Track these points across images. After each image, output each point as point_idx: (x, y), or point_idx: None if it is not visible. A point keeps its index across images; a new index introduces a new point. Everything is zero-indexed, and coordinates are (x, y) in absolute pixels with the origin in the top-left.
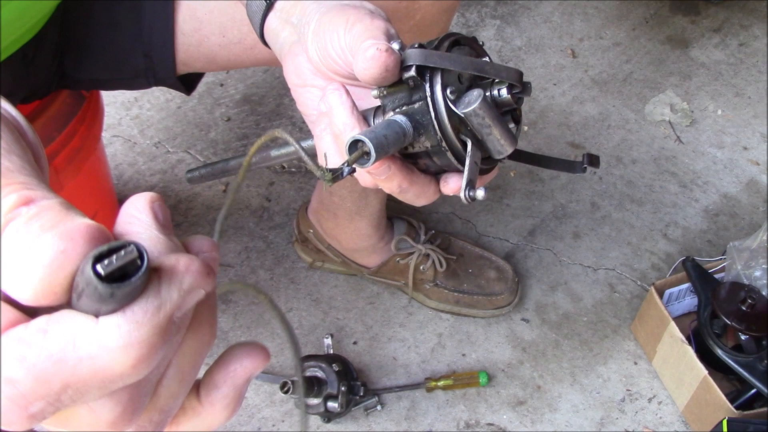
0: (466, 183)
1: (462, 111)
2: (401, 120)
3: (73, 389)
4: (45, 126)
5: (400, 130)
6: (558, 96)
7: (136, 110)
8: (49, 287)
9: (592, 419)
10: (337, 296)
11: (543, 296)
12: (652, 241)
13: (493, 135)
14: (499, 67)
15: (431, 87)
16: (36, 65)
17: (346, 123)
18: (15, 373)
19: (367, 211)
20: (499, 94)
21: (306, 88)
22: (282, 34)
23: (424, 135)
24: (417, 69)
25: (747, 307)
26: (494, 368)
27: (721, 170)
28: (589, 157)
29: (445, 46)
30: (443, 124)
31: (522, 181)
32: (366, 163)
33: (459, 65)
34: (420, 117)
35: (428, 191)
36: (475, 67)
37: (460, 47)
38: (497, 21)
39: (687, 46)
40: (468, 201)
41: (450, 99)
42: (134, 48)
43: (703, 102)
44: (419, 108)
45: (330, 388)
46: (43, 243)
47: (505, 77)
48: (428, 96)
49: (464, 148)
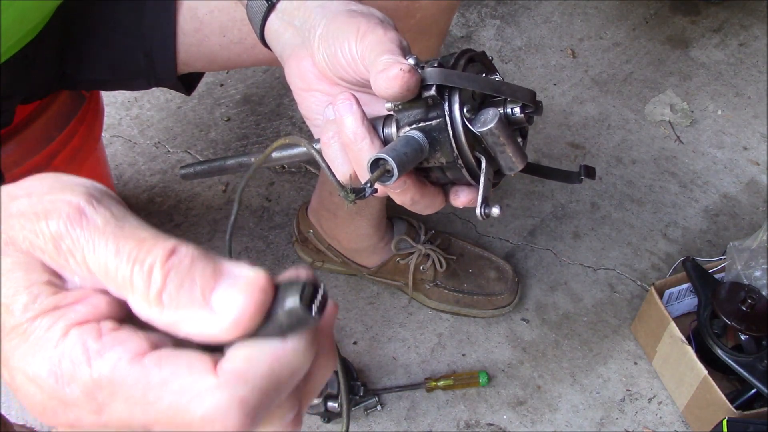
0: (481, 200)
1: (479, 130)
2: (418, 136)
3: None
4: (45, 126)
5: (418, 146)
6: (558, 96)
7: (136, 110)
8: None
9: (592, 419)
10: (337, 296)
11: (543, 296)
12: (652, 241)
13: (506, 153)
14: (514, 88)
15: (450, 106)
16: (37, 66)
17: (357, 133)
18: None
19: (368, 211)
20: (512, 113)
21: (310, 93)
22: (284, 36)
23: (440, 151)
24: (437, 88)
25: (747, 307)
26: (494, 368)
27: (721, 170)
28: (586, 168)
29: (461, 65)
30: (460, 143)
31: (522, 181)
32: (388, 180)
33: (477, 86)
34: (437, 134)
35: (436, 201)
36: (493, 87)
37: (473, 63)
38: (497, 21)
39: (687, 46)
40: (483, 218)
41: (467, 117)
42: (135, 48)
43: (703, 102)
44: (437, 125)
45: (330, 388)
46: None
47: (520, 98)
48: (447, 115)
49: (478, 165)
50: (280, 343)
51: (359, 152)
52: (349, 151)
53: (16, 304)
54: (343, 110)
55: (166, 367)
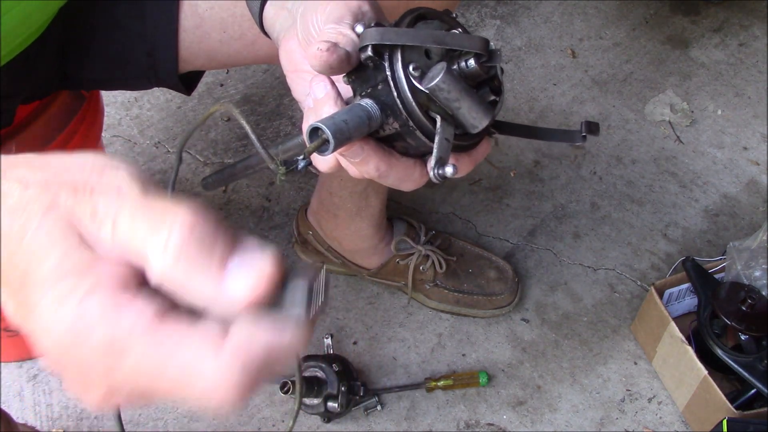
0: (435, 161)
1: (426, 86)
2: (366, 103)
3: None
4: (45, 126)
5: (364, 113)
6: (558, 96)
7: (136, 110)
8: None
9: (592, 419)
10: (337, 296)
11: (543, 296)
12: (652, 241)
13: (463, 108)
14: (461, 38)
15: (391, 65)
16: (38, 66)
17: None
18: None
19: (368, 211)
20: (466, 65)
21: (297, 73)
22: (278, 21)
23: (392, 116)
24: (375, 49)
25: (747, 307)
26: (494, 368)
27: (721, 170)
28: (588, 124)
29: (407, 22)
30: (407, 102)
31: (522, 181)
32: (326, 150)
33: (417, 39)
34: (385, 98)
35: (413, 174)
36: (434, 39)
37: (427, 21)
38: (497, 21)
39: (687, 46)
40: (437, 179)
41: (414, 76)
42: (137, 47)
43: (703, 102)
44: (382, 89)
45: (330, 388)
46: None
47: (468, 47)
48: (388, 75)
49: (434, 125)
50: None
51: None
52: None
53: (49, 260)
54: (317, 91)
55: (176, 338)
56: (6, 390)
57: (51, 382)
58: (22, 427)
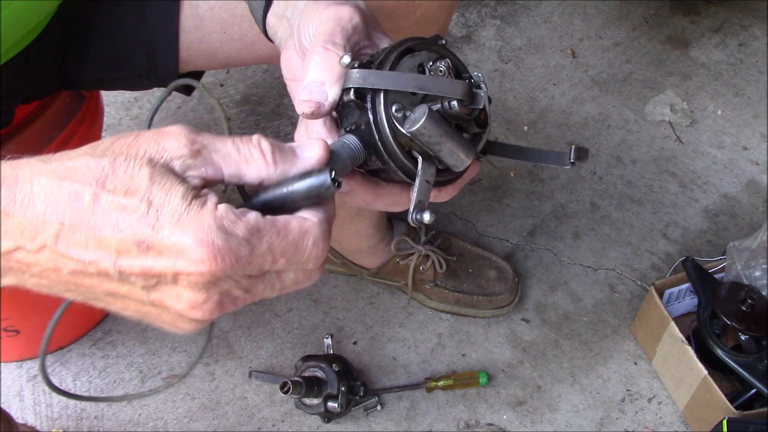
0: (414, 205)
1: (408, 130)
2: (350, 141)
3: None
4: (45, 126)
5: (349, 151)
6: (558, 96)
7: (136, 110)
8: None
9: (592, 419)
10: (337, 296)
11: (543, 296)
12: (652, 241)
13: (444, 151)
14: (442, 83)
15: (373, 108)
16: (38, 66)
17: (319, 133)
18: None
19: (368, 211)
20: (450, 107)
21: (296, 82)
22: (280, 30)
23: (374, 154)
24: (358, 91)
25: (747, 307)
26: (494, 368)
27: (721, 170)
28: (576, 150)
29: (392, 60)
30: (388, 145)
31: (522, 181)
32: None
33: (399, 84)
34: (368, 137)
35: (400, 199)
36: (416, 84)
37: (414, 54)
38: (497, 21)
39: (687, 46)
40: (415, 224)
41: (396, 117)
42: (138, 47)
43: (703, 102)
44: (365, 129)
45: (330, 388)
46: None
47: (450, 93)
48: (370, 118)
49: (416, 165)
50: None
51: None
52: None
53: (174, 196)
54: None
55: (287, 220)
56: (6, 390)
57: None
58: (22, 427)
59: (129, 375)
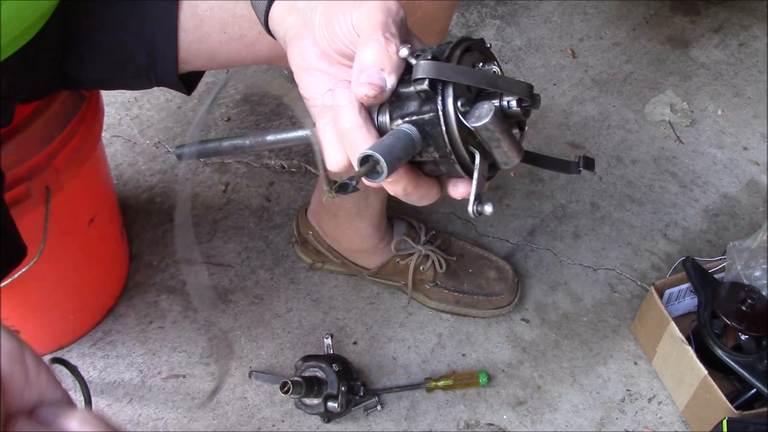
0: (474, 197)
1: (473, 125)
2: (410, 130)
3: None
4: (45, 126)
5: (410, 142)
6: (558, 96)
7: (136, 110)
8: None
9: (592, 419)
10: (337, 296)
11: (543, 296)
12: (652, 241)
13: (501, 148)
14: (510, 82)
15: (443, 101)
16: (37, 66)
17: (354, 122)
18: None
19: (368, 212)
20: (509, 106)
21: (309, 72)
22: (288, 20)
23: (433, 146)
24: (429, 82)
25: (747, 307)
26: (494, 368)
27: (721, 170)
28: (585, 159)
29: (457, 56)
30: (453, 138)
31: (522, 181)
32: (377, 178)
33: (472, 79)
34: (430, 128)
35: (431, 193)
36: (488, 81)
37: (470, 53)
38: (497, 21)
39: (687, 46)
40: (476, 215)
41: (461, 112)
42: (137, 47)
43: (703, 102)
44: (429, 119)
45: (330, 388)
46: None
47: (516, 92)
48: (440, 110)
49: (472, 159)
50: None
51: (356, 142)
52: (344, 140)
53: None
54: (341, 98)
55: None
56: None
57: None
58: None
59: (129, 375)
